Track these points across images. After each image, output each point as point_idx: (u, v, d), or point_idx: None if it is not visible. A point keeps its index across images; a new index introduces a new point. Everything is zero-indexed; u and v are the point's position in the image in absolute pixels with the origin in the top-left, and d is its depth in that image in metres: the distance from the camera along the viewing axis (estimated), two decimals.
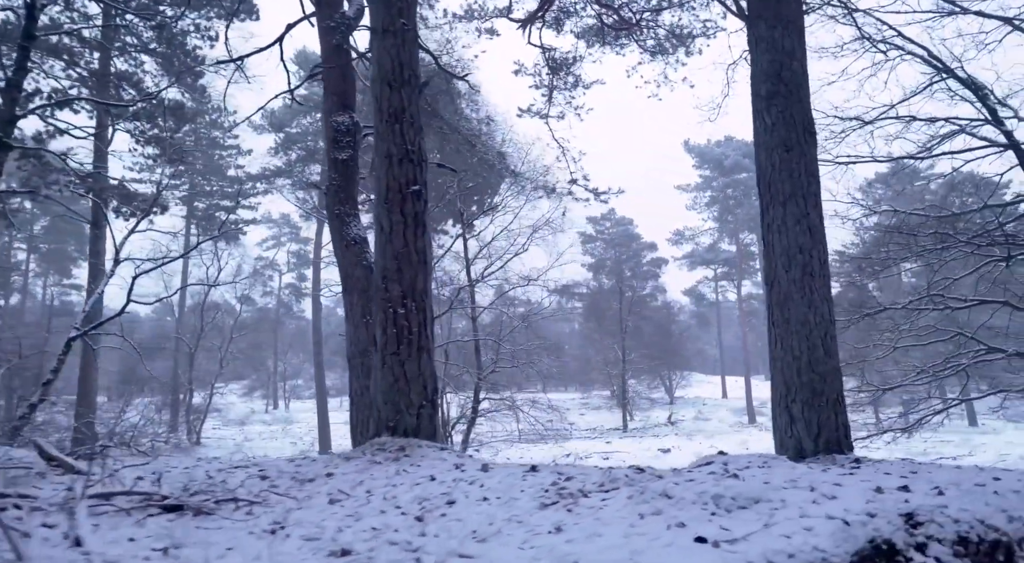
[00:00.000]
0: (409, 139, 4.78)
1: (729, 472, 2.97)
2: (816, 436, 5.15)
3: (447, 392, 17.49)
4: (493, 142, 13.58)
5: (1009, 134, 8.77)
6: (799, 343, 5.31)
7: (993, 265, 8.93)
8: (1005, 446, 24.37)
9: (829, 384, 5.22)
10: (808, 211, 5.46)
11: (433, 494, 3.04)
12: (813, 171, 5.55)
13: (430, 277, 4.67)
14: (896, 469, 3.65)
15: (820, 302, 5.35)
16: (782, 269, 5.46)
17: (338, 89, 8.73)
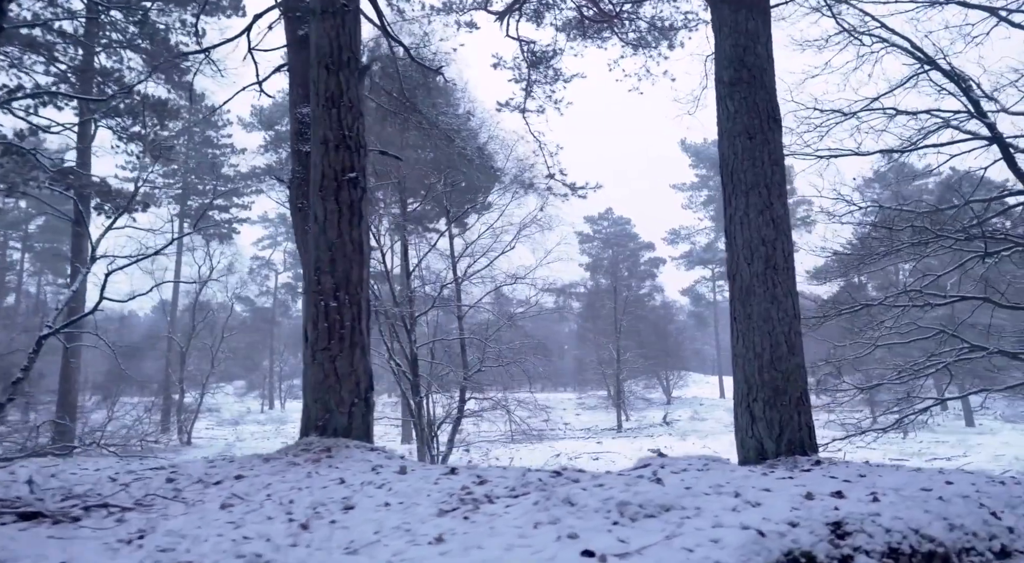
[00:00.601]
0: (347, 124, 4.55)
1: (655, 476, 2.74)
2: (778, 437, 4.91)
3: (433, 392, 17.26)
4: (474, 138, 13.35)
5: (992, 127, 8.51)
6: (761, 339, 5.06)
7: (978, 261, 8.68)
8: (1001, 447, 24.10)
9: (792, 382, 4.98)
10: (771, 202, 5.22)
11: (334, 499, 2.81)
12: (777, 160, 5.31)
13: (367, 269, 4.44)
14: (848, 472, 3.42)
15: (783, 297, 5.10)
16: (744, 262, 5.22)
17: (304, 80, 8.51)
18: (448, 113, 12.90)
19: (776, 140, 5.35)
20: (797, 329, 5.13)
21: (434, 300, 15.98)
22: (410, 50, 11.59)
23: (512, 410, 17.62)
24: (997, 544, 2.46)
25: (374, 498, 2.81)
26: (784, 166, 5.39)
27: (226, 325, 33.58)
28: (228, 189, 40.87)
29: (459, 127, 12.64)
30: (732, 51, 5.48)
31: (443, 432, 18.02)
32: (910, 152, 9.46)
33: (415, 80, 12.05)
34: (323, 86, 4.63)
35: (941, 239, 8.18)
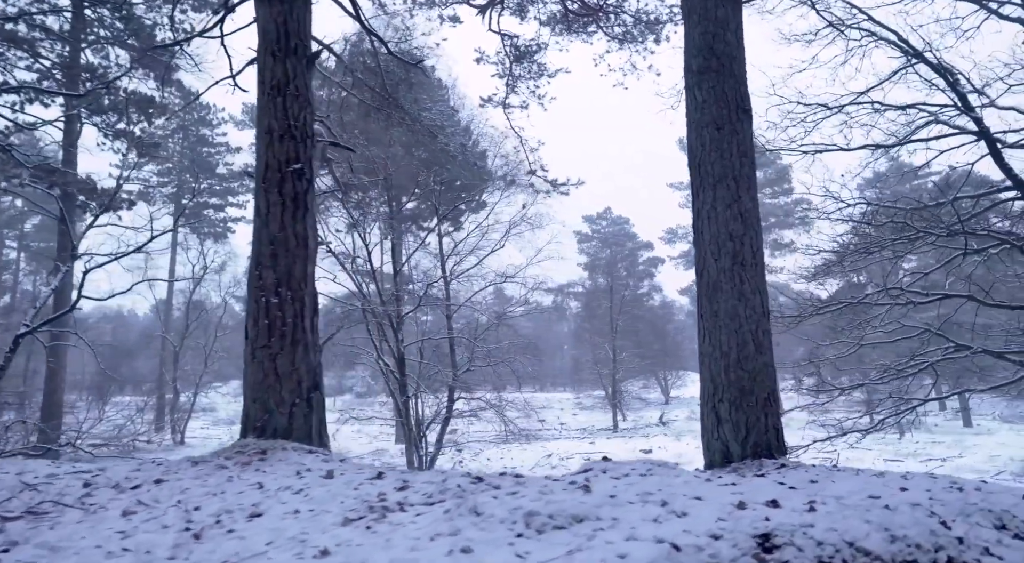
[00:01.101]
0: (293, 113, 4.37)
1: (585, 483, 2.56)
2: (744, 439, 4.73)
3: (420, 392, 17.08)
4: (459, 134, 13.16)
5: (979, 121, 8.32)
6: (727, 338, 4.88)
7: (962, 258, 8.48)
8: (997, 447, 23.89)
9: (759, 383, 4.80)
10: (740, 195, 5.03)
11: (244, 505, 2.63)
12: (746, 152, 5.12)
13: (311, 264, 4.26)
14: (800, 477, 3.23)
15: (751, 294, 4.92)
16: (711, 257, 5.03)
17: None
18: (432, 109, 12.71)
19: (745, 131, 5.16)
20: (766, 327, 4.95)
21: (420, 299, 15.79)
22: (388, 43, 11.42)
23: (502, 410, 17.42)
24: (944, 556, 2.28)
25: (287, 505, 2.64)
26: (754, 158, 5.21)
27: (219, 324, 33.38)
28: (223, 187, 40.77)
29: (443, 123, 12.45)
30: (701, 39, 5.30)
31: (433, 432, 17.86)
32: (896, 147, 9.26)
33: (397, 75, 11.86)
34: (269, 74, 4.45)
35: (924, 236, 7.98)
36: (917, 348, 8.75)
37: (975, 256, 8.40)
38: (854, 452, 24.85)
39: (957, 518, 2.64)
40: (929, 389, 8.74)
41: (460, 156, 12.60)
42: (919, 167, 9.99)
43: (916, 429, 32.34)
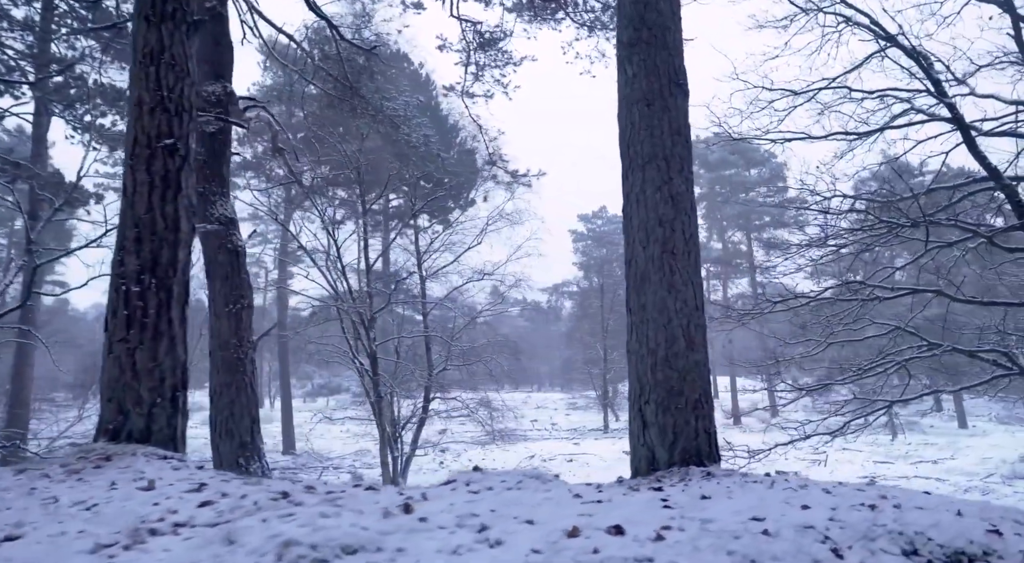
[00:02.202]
0: (167, 84, 3.95)
1: (404, 501, 2.14)
2: (671, 444, 4.30)
3: (392, 392, 16.65)
4: (427, 125, 12.74)
5: (952, 107, 7.88)
6: (655, 333, 4.45)
7: (936, 252, 8.05)
8: (990, 449, 23.45)
9: (689, 383, 4.36)
10: (671, 176, 4.60)
11: (9, 523, 2.22)
12: (679, 129, 4.68)
13: (184, 249, 3.84)
14: (696, 492, 2.81)
15: (683, 285, 4.49)
16: (639, 245, 4.61)
17: (211, 57, 7.94)
18: (398, 100, 12.28)
19: (679, 107, 4.73)
20: (699, 322, 4.52)
21: (389, 296, 15.36)
22: (348, 29, 11.00)
23: (477, 411, 16.99)
24: None
25: (62, 524, 2.23)
26: (689, 137, 4.77)
27: (204, 321, 32.93)
28: None
29: (409, 114, 12.02)
30: (632, 8, 4.87)
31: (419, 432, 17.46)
32: (867, 136, 8.82)
33: (358, 64, 11.44)
34: (142, 41, 4.02)
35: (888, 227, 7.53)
36: (886, 346, 8.30)
37: (949, 250, 7.98)
38: (845, 453, 24.48)
39: (857, 543, 2.22)
40: (903, 389, 8.30)
41: (423, 148, 12.18)
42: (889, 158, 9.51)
43: (910, 430, 32.04)
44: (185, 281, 3.90)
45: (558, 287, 58.56)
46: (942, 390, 8.15)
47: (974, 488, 16.35)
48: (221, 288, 7.33)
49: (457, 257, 17.33)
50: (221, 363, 7.19)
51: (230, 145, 7.87)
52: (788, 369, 9.99)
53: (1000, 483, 16.96)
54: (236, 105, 8.04)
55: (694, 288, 4.53)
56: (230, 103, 7.87)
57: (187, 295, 3.93)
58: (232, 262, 7.40)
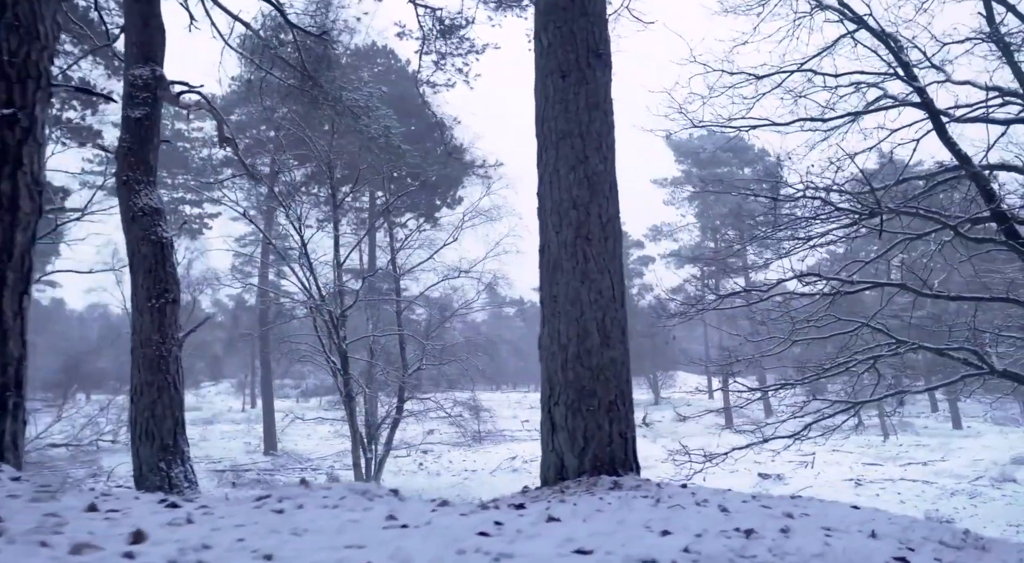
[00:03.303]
0: (9, 47, 3.53)
1: (171, 515, 1.74)
2: (581, 451, 3.88)
3: (365, 392, 16.24)
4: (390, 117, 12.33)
5: (922, 91, 7.44)
6: (567, 327, 4.03)
7: (906, 244, 7.63)
8: (982, 451, 23.00)
9: (603, 382, 3.94)
10: (587, 155, 4.17)
11: None
12: (597, 104, 4.26)
13: (25, 232, 3.42)
14: (557, 511, 2.39)
15: (598, 273, 4.06)
16: (552, 230, 4.19)
17: (140, 38, 7.54)
18: (361, 90, 11.86)
19: (598, 80, 4.31)
20: (615, 315, 4.09)
21: (357, 293, 14.95)
22: (303, 16, 10.60)
23: (452, 412, 16.57)
24: None
25: None
26: (608, 113, 4.35)
27: (188, 321, 32.47)
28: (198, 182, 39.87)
29: (369, 105, 11.60)
30: None
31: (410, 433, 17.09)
32: (835, 125, 8.39)
33: (317, 53, 11.03)
34: None
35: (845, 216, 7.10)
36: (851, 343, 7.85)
37: (925, 245, 7.55)
38: (834, 455, 24.05)
39: None
40: (872, 389, 7.86)
41: (383, 139, 11.76)
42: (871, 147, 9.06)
43: (903, 431, 31.53)
44: (26, 268, 3.47)
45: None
46: (906, 390, 7.71)
47: (961, 491, 15.93)
48: (144, 282, 6.91)
49: (432, 254, 16.92)
50: (143, 361, 6.77)
51: (158, 132, 7.44)
52: (750, 368, 9.55)
53: (988, 486, 16.52)
54: (167, 90, 7.61)
55: (611, 277, 4.11)
56: (159, 87, 7.45)
57: (27, 284, 3.49)
58: (156, 254, 6.98)
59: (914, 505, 14.91)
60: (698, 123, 8.17)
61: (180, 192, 39.04)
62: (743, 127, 8.33)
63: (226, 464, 23.61)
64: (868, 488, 16.64)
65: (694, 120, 8.12)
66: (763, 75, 8.14)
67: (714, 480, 17.52)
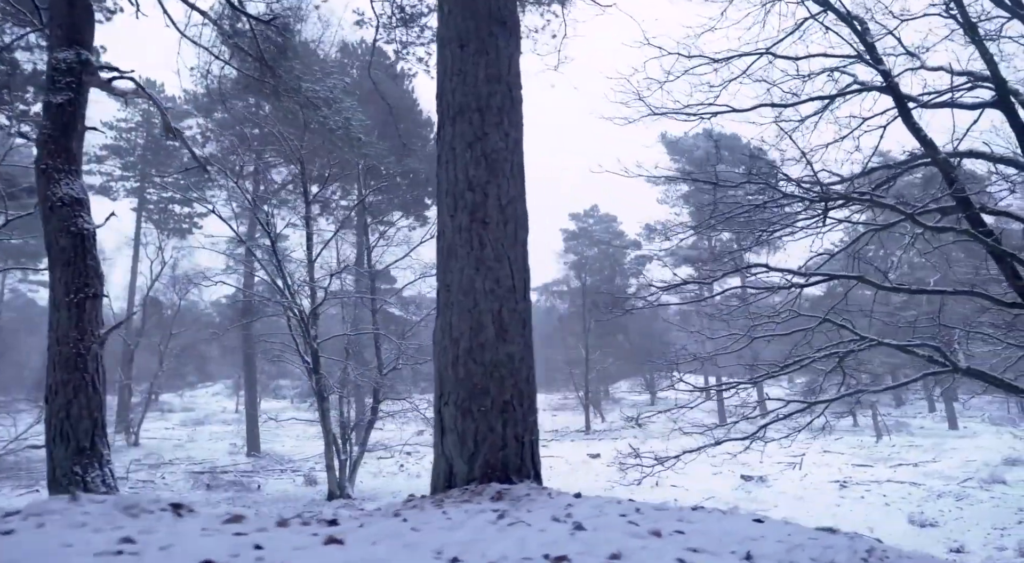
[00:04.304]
0: None
1: None
2: (471, 456, 3.51)
3: (336, 392, 15.89)
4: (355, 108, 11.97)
5: (887, 74, 7.06)
6: (459, 320, 3.67)
7: (872, 236, 7.24)
8: (975, 451, 22.56)
9: (497, 380, 3.58)
10: (486, 131, 3.81)
11: None
12: (499, 76, 3.90)
13: None
14: (376, 532, 2.02)
15: (495, 261, 3.70)
16: (447, 214, 3.83)
17: (64, 20, 7.20)
18: (325, 82, 11.52)
19: (500, 50, 3.95)
20: (515, 307, 3.73)
21: (325, 291, 14.60)
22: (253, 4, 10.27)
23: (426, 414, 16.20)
24: None
25: None
26: (513, 86, 3.99)
27: (174, 321, 32.22)
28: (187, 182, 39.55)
29: (332, 97, 11.25)
30: None
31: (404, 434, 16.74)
32: (796, 106, 8.01)
33: (274, 42, 10.70)
34: None
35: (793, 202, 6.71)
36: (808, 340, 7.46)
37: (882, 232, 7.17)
38: (824, 456, 23.63)
39: None
40: (837, 388, 7.47)
41: (342, 131, 11.41)
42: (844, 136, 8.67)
43: (898, 432, 31.12)
44: None
45: (547, 286, 57.70)
46: (864, 390, 7.33)
47: (948, 493, 15.51)
48: (62, 275, 6.56)
49: (408, 252, 16.57)
50: (59, 359, 6.41)
51: (82, 118, 7.10)
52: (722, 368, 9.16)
53: (977, 487, 16.10)
54: (94, 75, 7.27)
55: (511, 266, 3.75)
56: (85, 72, 7.11)
57: None
58: (76, 247, 6.63)
59: (899, 508, 14.51)
60: (656, 110, 7.80)
61: (169, 191, 38.75)
62: (704, 113, 7.95)
63: (207, 465, 23.24)
64: (853, 490, 16.23)
65: (652, 107, 7.75)
66: (721, 59, 7.76)
67: (696, 482, 17.15)
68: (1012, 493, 15.44)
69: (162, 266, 33.29)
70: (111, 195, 38.07)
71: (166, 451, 28.34)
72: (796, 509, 14.64)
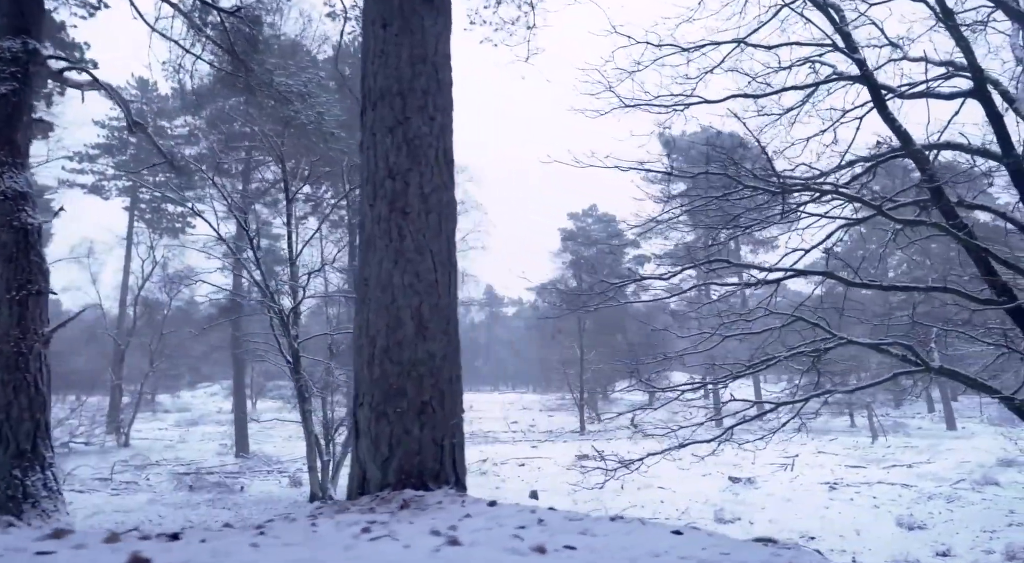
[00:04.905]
0: None
1: None
2: (385, 461, 3.28)
3: (316, 395, 15.67)
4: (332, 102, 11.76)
5: (862, 63, 6.81)
6: (376, 316, 3.44)
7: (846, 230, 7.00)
8: (971, 452, 22.28)
9: (415, 380, 3.35)
10: (408, 116, 3.58)
11: None
12: (424, 57, 3.66)
13: None
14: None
15: (416, 254, 3.47)
16: (366, 203, 3.60)
17: (11, 8, 7.00)
18: (300, 76, 11.30)
19: (426, 30, 3.72)
20: (437, 303, 3.50)
21: (303, 289, 14.38)
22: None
23: None
24: None
25: None
26: (440, 68, 3.75)
27: (164, 321, 32.03)
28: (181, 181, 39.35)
29: (307, 91, 11.03)
30: None
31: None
32: (771, 96, 7.77)
33: (246, 35, 10.47)
34: None
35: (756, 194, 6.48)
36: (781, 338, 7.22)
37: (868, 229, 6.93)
38: (818, 457, 23.37)
39: None
40: (813, 387, 7.22)
41: (314, 126, 11.20)
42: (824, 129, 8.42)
43: (895, 433, 30.83)
44: None
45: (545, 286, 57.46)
46: (833, 391, 7.07)
47: (939, 495, 15.25)
48: (4, 271, 6.35)
49: None
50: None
51: (28, 109, 6.89)
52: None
53: (969, 489, 15.84)
54: (43, 65, 7.06)
55: (434, 259, 3.52)
56: (33, 63, 6.90)
57: None
58: (19, 242, 6.43)
59: (888, 510, 14.26)
60: (627, 102, 7.56)
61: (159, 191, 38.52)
62: (676, 105, 7.72)
63: (194, 466, 23.04)
64: (843, 492, 15.97)
65: (623, 99, 7.51)
66: (692, 47, 7.52)
67: (684, 484, 16.88)
68: (1004, 495, 15.18)
69: (153, 266, 33.14)
70: (103, 194, 37.92)
71: (155, 452, 28.13)
72: (783, 511, 14.40)
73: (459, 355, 3.60)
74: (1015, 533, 12.21)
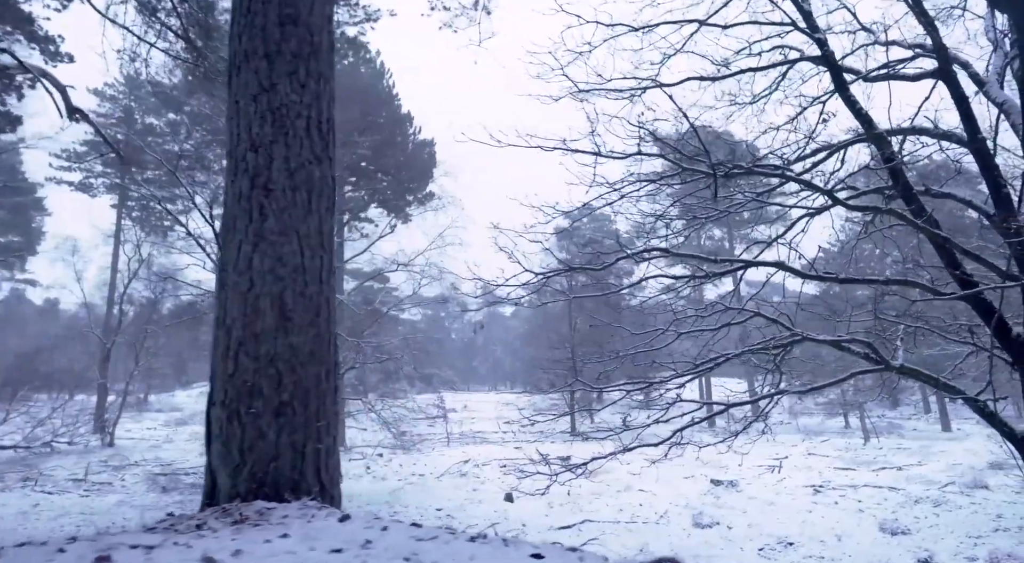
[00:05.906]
0: None
1: None
2: (235, 468, 2.91)
3: None
4: None
5: (823, 43, 6.43)
6: (233, 304, 3.07)
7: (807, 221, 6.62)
8: (963, 455, 21.85)
9: (272, 378, 2.97)
10: (274, 82, 3.21)
11: None
12: (296, 17, 3.29)
13: None
14: None
15: (279, 236, 3.10)
16: (228, 180, 3.23)
17: None
18: None
19: None
20: (303, 291, 3.13)
21: None
22: None
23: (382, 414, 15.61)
24: None
25: None
26: (316, 30, 3.38)
27: (150, 320, 31.68)
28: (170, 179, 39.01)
29: None
30: None
31: None
32: (726, 78, 7.40)
33: (199, 21, 10.13)
34: None
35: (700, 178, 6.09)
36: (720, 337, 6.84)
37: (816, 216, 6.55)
38: (808, 459, 22.93)
39: None
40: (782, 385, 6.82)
41: None
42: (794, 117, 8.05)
43: (890, 434, 30.38)
44: None
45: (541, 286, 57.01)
46: (787, 391, 6.68)
47: (927, 498, 14.82)
48: None
49: (367, 247, 15.99)
50: None
51: None
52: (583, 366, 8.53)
53: (958, 492, 15.41)
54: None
55: (301, 241, 3.14)
56: None
57: None
58: None
59: (872, 514, 13.83)
60: (581, 87, 7.19)
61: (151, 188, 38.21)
62: (633, 89, 7.33)
63: (174, 467, 22.65)
64: (828, 495, 15.55)
65: (577, 83, 7.14)
66: (642, 27, 7.14)
67: (665, 487, 16.47)
68: (993, 499, 14.76)
69: (139, 264, 32.80)
70: (91, 192, 37.64)
71: (138, 452, 27.76)
72: (765, 515, 13.98)
73: (331, 349, 3.23)
74: (1000, 539, 11.80)
